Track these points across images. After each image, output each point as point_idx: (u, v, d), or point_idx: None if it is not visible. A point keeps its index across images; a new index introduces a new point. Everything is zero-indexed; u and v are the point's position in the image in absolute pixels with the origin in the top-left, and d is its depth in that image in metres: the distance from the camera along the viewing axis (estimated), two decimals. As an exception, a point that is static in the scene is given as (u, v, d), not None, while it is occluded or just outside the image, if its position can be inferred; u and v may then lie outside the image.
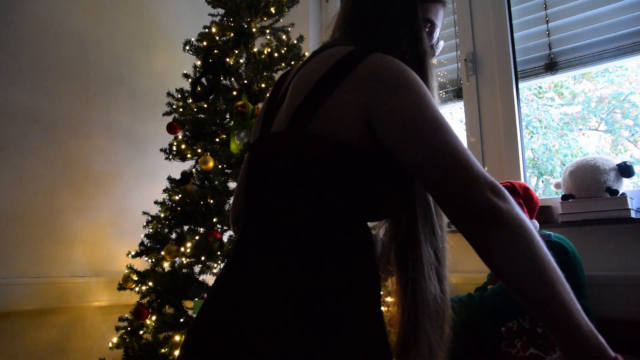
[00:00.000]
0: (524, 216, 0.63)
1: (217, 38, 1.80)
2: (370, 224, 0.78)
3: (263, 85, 1.69)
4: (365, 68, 0.70)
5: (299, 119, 0.70)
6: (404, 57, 0.75)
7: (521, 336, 1.41)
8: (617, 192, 1.61)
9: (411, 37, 0.80)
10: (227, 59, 1.72)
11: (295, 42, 1.80)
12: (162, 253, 1.50)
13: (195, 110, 1.79)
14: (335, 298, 0.64)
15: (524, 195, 1.54)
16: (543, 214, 1.74)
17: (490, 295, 1.41)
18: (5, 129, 1.84)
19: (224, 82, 1.82)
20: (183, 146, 1.75)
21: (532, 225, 1.51)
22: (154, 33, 2.47)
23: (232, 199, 1.57)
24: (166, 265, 1.60)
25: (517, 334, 1.43)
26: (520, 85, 2.06)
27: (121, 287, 1.63)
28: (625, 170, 1.64)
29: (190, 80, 1.82)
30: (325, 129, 0.68)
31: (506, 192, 0.63)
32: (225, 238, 1.56)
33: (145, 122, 2.33)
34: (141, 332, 1.58)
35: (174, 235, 1.62)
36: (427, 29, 0.86)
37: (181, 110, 1.80)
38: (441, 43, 0.92)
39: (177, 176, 1.72)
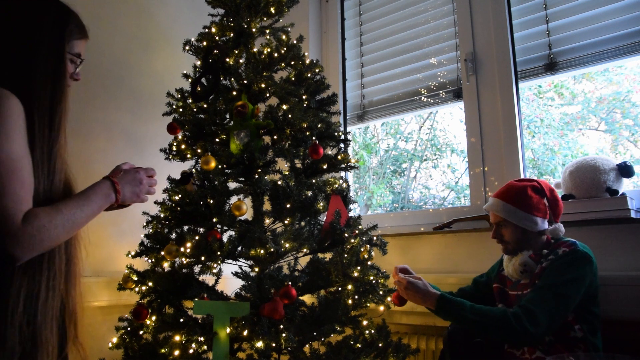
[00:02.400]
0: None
1: (217, 38, 1.80)
2: None
3: (263, 85, 1.69)
4: None
5: None
6: (36, 90, 0.94)
7: None
8: (617, 192, 1.62)
9: (54, 74, 1.00)
10: (227, 59, 1.72)
11: (295, 42, 1.80)
12: (162, 253, 1.50)
13: (195, 110, 1.79)
14: None
15: (551, 198, 1.46)
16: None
17: (531, 321, 1.27)
18: (5, 129, 1.84)
19: (224, 82, 1.82)
20: (183, 146, 1.75)
21: (557, 228, 1.46)
22: (154, 33, 2.47)
23: (232, 199, 1.57)
24: (166, 265, 1.60)
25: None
26: (520, 85, 2.06)
27: (121, 287, 1.63)
28: (625, 170, 1.64)
29: (190, 80, 1.82)
30: None
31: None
32: (225, 238, 1.56)
33: (145, 122, 2.33)
34: (141, 332, 1.58)
35: (173, 235, 1.62)
36: (77, 62, 1.09)
37: (181, 110, 1.80)
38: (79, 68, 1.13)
39: (177, 176, 1.72)
